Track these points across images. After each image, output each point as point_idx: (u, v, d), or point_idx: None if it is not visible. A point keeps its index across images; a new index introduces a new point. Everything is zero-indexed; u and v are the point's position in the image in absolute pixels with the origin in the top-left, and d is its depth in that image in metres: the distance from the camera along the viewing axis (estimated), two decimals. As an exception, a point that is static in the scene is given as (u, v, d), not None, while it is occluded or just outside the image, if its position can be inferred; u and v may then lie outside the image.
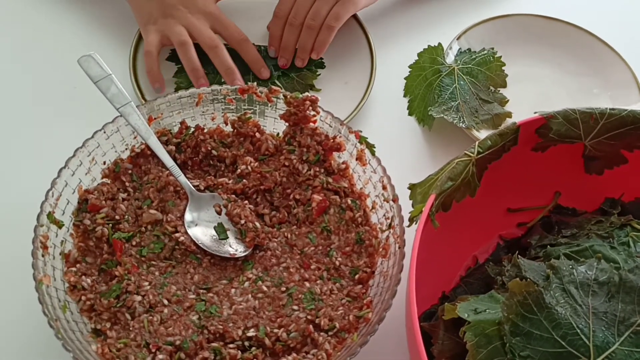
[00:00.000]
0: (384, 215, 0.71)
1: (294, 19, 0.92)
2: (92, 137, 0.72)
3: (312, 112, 0.76)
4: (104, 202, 0.71)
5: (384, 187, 0.72)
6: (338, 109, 0.84)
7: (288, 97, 0.76)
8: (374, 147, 0.74)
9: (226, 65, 0.89)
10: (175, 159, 0.76)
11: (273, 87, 0.77)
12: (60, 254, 0.68)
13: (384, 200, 0.71)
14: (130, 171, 0.75)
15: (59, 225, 0.68)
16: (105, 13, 1.00)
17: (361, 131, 0.75)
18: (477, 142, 0.69)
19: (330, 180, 0.75)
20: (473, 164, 0.68)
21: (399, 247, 0.66)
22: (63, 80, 0.91)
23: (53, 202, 0.68)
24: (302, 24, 0.92)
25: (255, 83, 0.78)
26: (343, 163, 0.77)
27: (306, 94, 0.76)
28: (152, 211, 0.72)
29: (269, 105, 0.78)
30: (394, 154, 0.82)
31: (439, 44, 0.94)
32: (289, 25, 0.92)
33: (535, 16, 0.99)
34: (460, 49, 0.96)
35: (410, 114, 0.93)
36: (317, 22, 0.91)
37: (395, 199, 0.70)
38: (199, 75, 0.88)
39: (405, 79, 0.95)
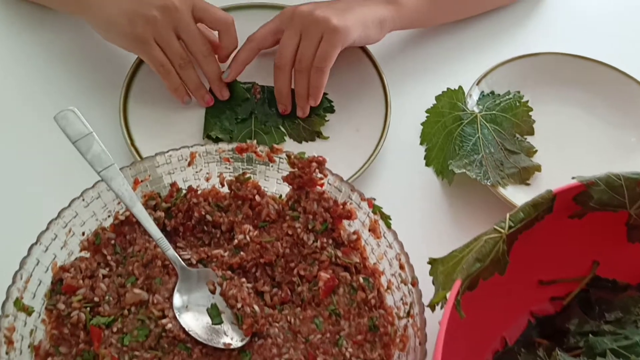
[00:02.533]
0: (402, 299, 0.62)
1: (279, 62, 0.82)
2: (69, 206, 0.64)
3: (319, 175, 0.68)
4: (81, 281, 0.62)
5: (402, 267, 0.62)
6: (348, 159, 0.77)
7: (292, 157, 0.68)
8: (390, 219, 0.65)
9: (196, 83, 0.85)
10: (164, 226, 0.68)
11: (275, 145, 0.69)
12: (29, 347, 0.59)
13: (401, 282, 0.62)
14: (113, 241, 0.66)
15: (29, 312, 0.60)
16: (90, 57, 0.91)
17: (375, 199, 0.66)
18: (508, 215, 0.60)
19: (339, 253, 0.66)
20: (503, 241, 0.59)
21: (420, 344, 0.57)
22: (45, 132, 0.81)
23: (22, 285, 0.59)
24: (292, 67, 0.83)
25: (255, 141, 0.69)
26: (354, 233, 0.68)
27: (313, 154, 0.67)
28: (136, 290, 0.63)
29: (271, 165, 0.69)
30: (409, 211, 0.75)
31: (460, 87, 0.86)
32: (277, 69, 0.83)
33: (565, 55, 0.90)
34: (483, 92, 0.87)
35: (427, 165, 0.84)
36: (304, 65, 0.81)
37: (414, 282, 0.61)
38: (204, 93, 0.85)
39: (422, 124, 0.86)
